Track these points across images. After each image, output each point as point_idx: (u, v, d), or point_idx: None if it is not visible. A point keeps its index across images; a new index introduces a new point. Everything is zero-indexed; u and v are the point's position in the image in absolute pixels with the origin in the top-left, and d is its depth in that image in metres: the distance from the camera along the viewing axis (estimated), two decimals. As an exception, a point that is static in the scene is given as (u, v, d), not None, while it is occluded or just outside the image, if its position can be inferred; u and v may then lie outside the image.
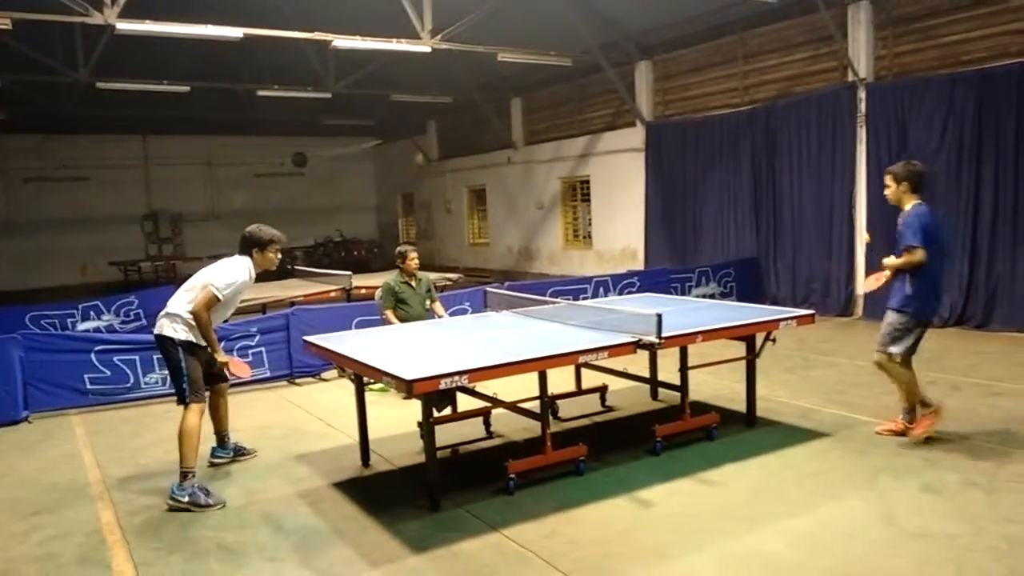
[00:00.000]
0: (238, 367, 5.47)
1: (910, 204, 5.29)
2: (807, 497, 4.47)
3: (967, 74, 9.43)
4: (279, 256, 5.30)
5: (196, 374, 5.01)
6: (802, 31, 11.53)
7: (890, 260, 5.29)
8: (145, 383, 7.43)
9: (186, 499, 4.74)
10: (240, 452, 5.72)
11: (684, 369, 5.66)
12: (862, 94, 10.58)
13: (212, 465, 5.56)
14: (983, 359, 7.85)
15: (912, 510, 4.22)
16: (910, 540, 3.87)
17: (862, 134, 10.62)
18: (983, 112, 9.27)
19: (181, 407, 5.00)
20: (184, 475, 4.82)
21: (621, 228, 15.42)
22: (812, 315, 5.81)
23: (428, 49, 12.26)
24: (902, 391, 5.39)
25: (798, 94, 11.58)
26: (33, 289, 19.91)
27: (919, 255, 5.10)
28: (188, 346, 5.00)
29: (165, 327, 5.03)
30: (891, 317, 5.27)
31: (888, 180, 5.35)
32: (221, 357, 5.19)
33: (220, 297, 4.98)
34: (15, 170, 20.87)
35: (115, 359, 7.33)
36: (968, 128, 9.43)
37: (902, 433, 5.38)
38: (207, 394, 5.16)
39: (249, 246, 5.19)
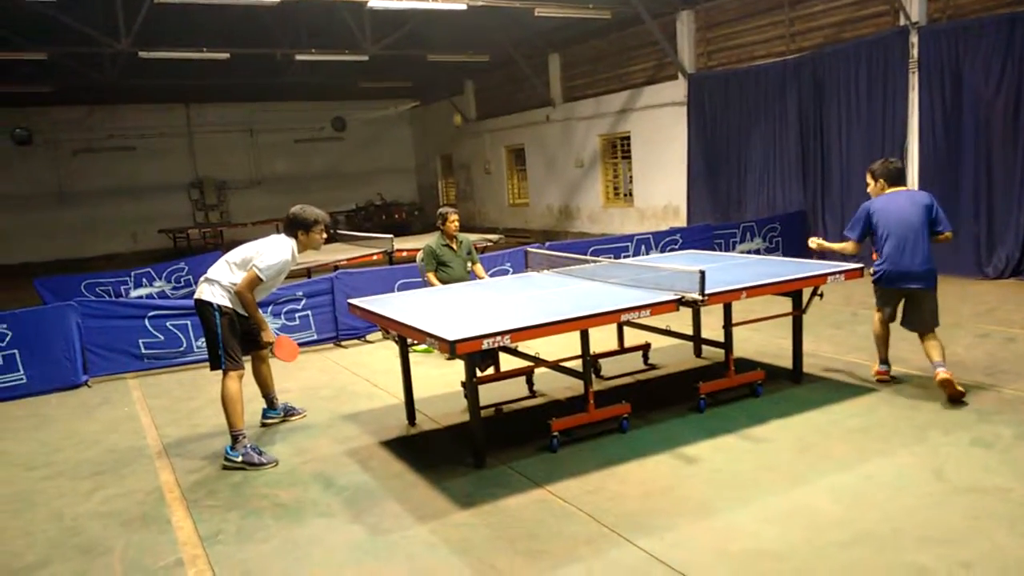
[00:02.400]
0: (283, 349, 5.30)
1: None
2: (854, 452, 4.43)
3: (1028, 13, 8.98)
4: (324, 236, 5.36)
5: (232, 342, 5.06)
6: (851, -26, 11.08)
7: (822, 242, 5.98)
8: (197, 347, 7.63)
9: (239, 459, 4.91)
10: (290, 412, 5.89)
11: (728, 326, 5.59)
12: (914, 39, 10.14)
13: (264, 426, 5.74)
14: (1041, 311, 7.61)
15: (963, 464, 4.15)
16: (961, 495, 3.81)
17: (914, 81, 10.21)
18: (1045, 53, 8.85)
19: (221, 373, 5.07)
20: (235, 438, 4.98)
21: (663, 185, 15.19)
22: (860, 269, 5.68)
23: (464, 7, 12.10)
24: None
25: (847, 41, 11.16)
26: (87, 257, 20.56)
27: (849, 247, 5.60)
28: (227, 312, 5.05)
29: (204, 292, 5.10)
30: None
31: (868, 179, 5.69)
32: (268, 336, 5.22)
33: (263, 278, 5.03)
34: (65, 142, 21.37)
35: (168, 324, 7.55)
36: (1029, 70, 9.00)
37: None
38: (247, 359, 5.26)
39: (295, 228, 5.23)
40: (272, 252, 5.09)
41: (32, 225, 20.79)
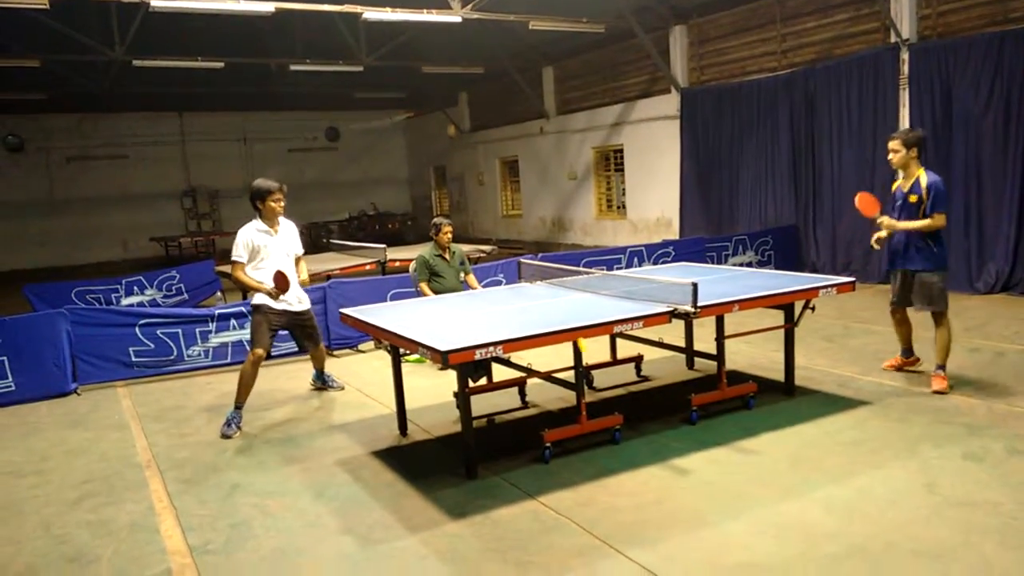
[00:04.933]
0: (281, 281, 5.80)
1: (922, 170, 5.65)
2: (846, 466, 4.43)
3: (1016, 32, 9.07)
4: (281, 203, 5.95)
5: (258, 329, 5.90)
6: (842, -9, 11.19)
7: (909, 223, 5.65)
8: (188, 355, 7.60)
9: (223, 422, 5.79)
10: (328, 383, 6.85)
11: (720, 338, 5.60)
12: (905, 55, 10.24)
13: (312, 388, 6.90)
14: (1030, 326, 7.66)
15: (955, 478, 4.16)
16: (953, 508, 3.82)
17: (905, 97, 10.30)
18: (1034, 71, 8.94)
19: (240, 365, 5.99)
20: (236, 405, 5.82)
21: (655, 198, 15.25)
22: (852, 283, 5.70)
23: (459, 19, 12.16)
24: (946, 343, 5.68)
25: (838, 57, 11.26)
26: (78, 265, 20.44)
27: (943, 220, 5.55)
28: (257, 307, 5.92)
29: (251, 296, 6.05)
30: (929, 277, 5.64)
31: (897, 145, 5.63)
32: (264, 288, 5.82)
33: (238, 259, 5.85)
34: (57, 149, 21.29)
35: (159, 332, 7.51)
36: (1016, 88, 9.08)
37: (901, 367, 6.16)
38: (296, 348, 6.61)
39: (254, 200, 5.95)
40: (237, 236, 5.91)
41: (23, 232, 20.66)
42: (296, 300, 6.08)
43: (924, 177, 5.60)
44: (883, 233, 5.82)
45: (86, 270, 19.16)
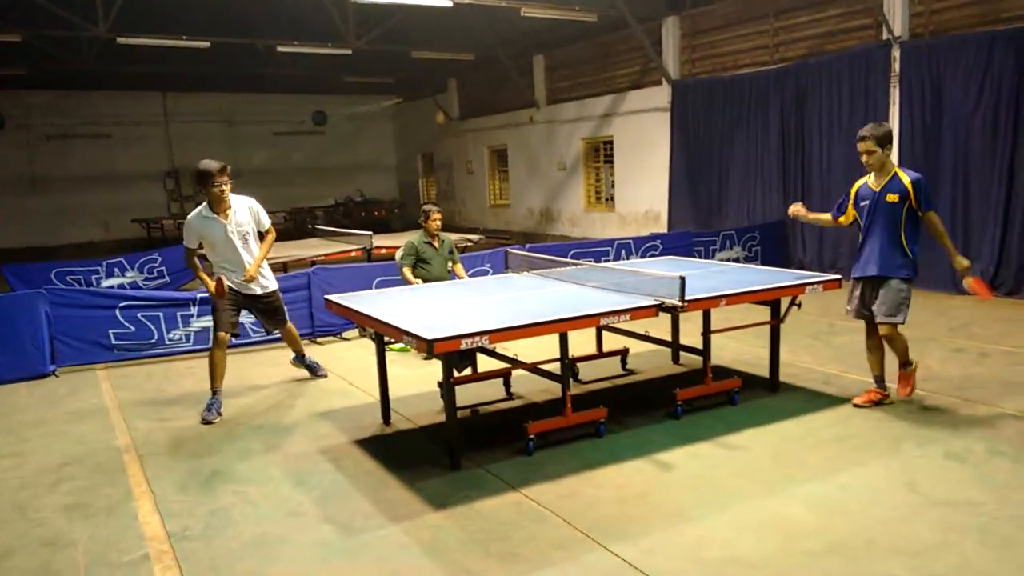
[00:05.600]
0: (219, 286, 5.68)
1: (898, 167, 5.16)
2: (828, 463, 4.44)
3: (1007, 32, 9.10)
4: (223, 189, 5.68)
5: (217, 312, 5.73)
6: (835, -13, 11.19)
7: (948, 244, 5.20)
8: (169, 339, 7.51)
9: (204, 408, 5.71)
10: (311, 368, 6.65)
11: (707, 333, 5.60)
12: (896, 53, 10.26)
13: (294, 366, 6.72)
14: (1013, 326, 7.71)
15: (936, 478, 4.18)
16: (933, 507, 3.83)
17: (895, 95, 10.33)
18: (1023, 72, 8.96)
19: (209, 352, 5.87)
20: (212, 391, 5.76)
21: (644, 190, 15.24)
22: (838, 280, 5.70)
23: (449, 3, 12.04)
24: (901, 354, 5.31)
25: (830, 52, 11.26)
26: (58, 245, 20.18)
27: (936, 218, 5.17)
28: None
29: None
30: (899, 285, 5.10)
31: (871, 145, 5.03)
32: (208, 282, 5.70)
33: (188, 247, 5.84)
34: (38, 126, 20.97)
35: (139, 315, 7.41)
36: (1006, 88, 9.11)
37: (880, 401, 5.37)
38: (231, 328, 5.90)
39: (196, 185, 5.85)
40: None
41: (1, 211, 20.35)
42: (257, 284, 5.88)
43: (904, 174, 5.06)
44: (966, 263, 5.19)
45: (66, 250, 18.90)
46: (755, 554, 3.45)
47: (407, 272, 7.29)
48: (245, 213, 5.86)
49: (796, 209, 5.71)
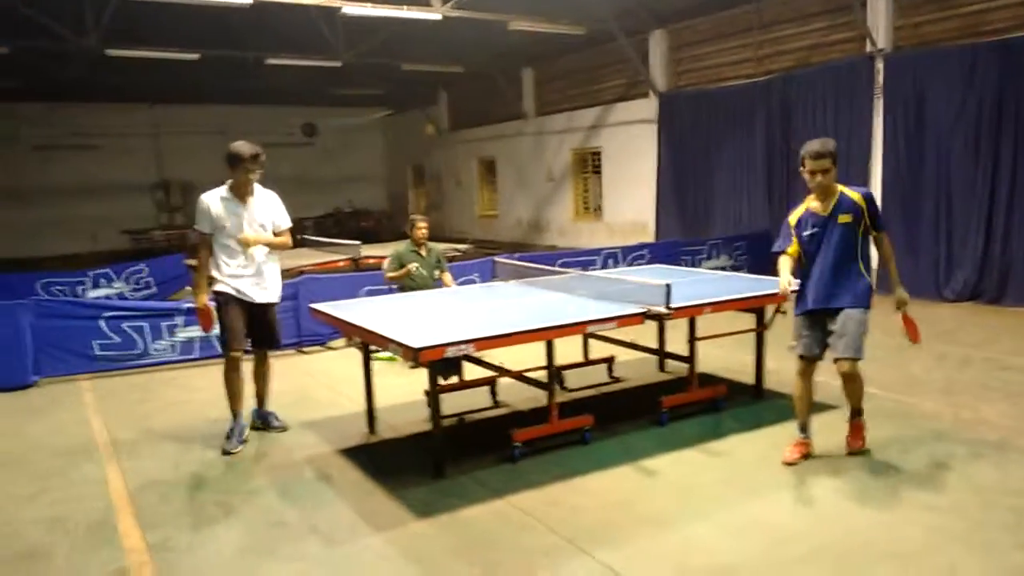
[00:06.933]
0: (204, 317, 5.28)
1: (841, 185, 4.45)
2: (813, 468, 4.45)
3: (989, 44, 9.22)
4: (252, 175, 5.09)
5: (229, 323, 5.13)
6: (820, 0, 11.30)
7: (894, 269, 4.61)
8: (154, 350, 7.46)
9: (225, 436, 5.18)
10: (268, 421, 5.54)
11: (692, 340, 5.61)
12: (880, 65, 10.38)
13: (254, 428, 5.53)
14: (995, 333, 7.77)
15: (920, 482, 4.19)
16: (917, 511, 3.84)
17: (879, 107, 10.44)
18: (1005, 84, 9.06)
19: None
20: (232, 415, 5.25)
21: (632, 201, 15.30)
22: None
23: (439, 17, 12.10)
24: (857, 399, 4.63)
25: (814, 65, 11.38)
26: (44, 257, 20.00)
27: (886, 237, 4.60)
28: (223, 297, 5.15)
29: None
30: (862, 316, 4.42)
31: (827, 164, 4.34)
32: (202, 299, 5.25)
33: (203, 232, 5.14)
34: (25, 138, 20.87)
35: (124, 326, 7.36)
36: (988, 101, 9.23)
37: (809, 454, 4.65)
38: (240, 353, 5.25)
39: (228, 165, 5.09)
40: (197, 204, 5.19)
41: (-12, 222, 20.24)
42: (254, 291, 5.20)
43: (851, 191, 4.43)
44: (906, 297, 4.61)
45: (53, 262, 18.75)
46: (739, 559, 3.44)
47: (394, 275, 7.32)
48: (265, 207, 5.27)
49: (784, 289, 4.61)
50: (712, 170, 13.20)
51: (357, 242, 10.65)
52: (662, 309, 4.75)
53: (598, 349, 6.50)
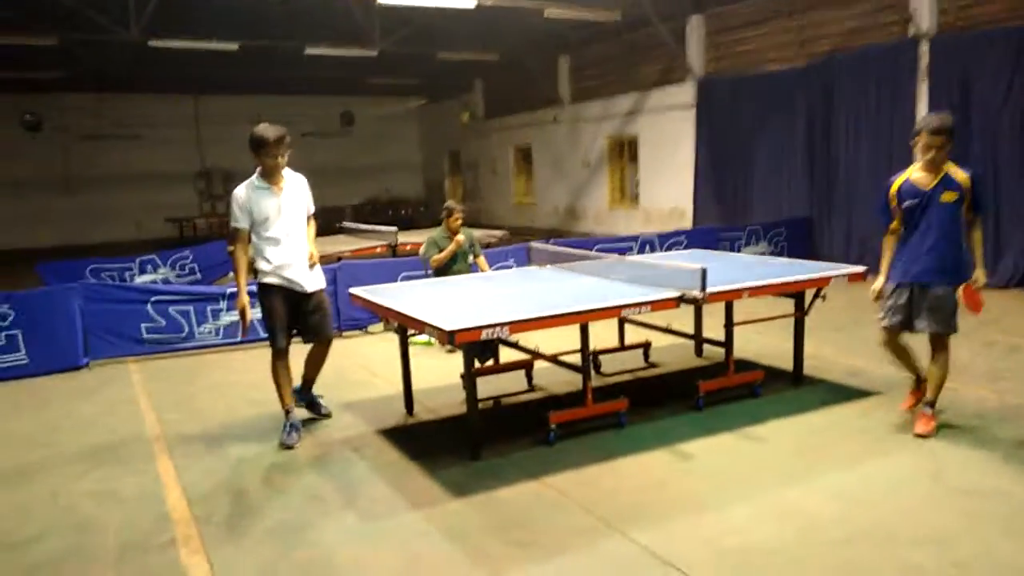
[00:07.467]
0: (241, 318, 5.09)
1: (952, 163, 4.57)
2: (851, 454, 4.41)
3: (1039, 24, 8.96)
4: (278, 159, 4.92)
5: (274, 318, 5.00)
6: (863, -19, 11.07)
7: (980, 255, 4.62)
8: (200, 333, 7.64)
9: (282, 429, 5.05)
10: (315, 406, 5.54)
11: (729, 325, 5.58)
12: (924, 48, 10.13)
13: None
14: (1044, 322, 7.58)
15: (962, 468, 4.14)
16: (958, 497, 3.79)
17: (923, 90, 10.19)
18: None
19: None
20: (284, 411, 5.10)
21: (669, 187, 15.18)
22: (863, 272, 5.66)
23: (473, 5, 12.10)
24: (939, 381, 4.70)
25: (856, 48, 11.14)
26: (92, 244, 20.57)
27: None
28: (266, 289, 5.02)
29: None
30: (954, 294, 4.55)
31: (943, 140, 4.41)
32: (242, 298, 5.01)
33: (240, 227, 4.97)
34: (73, 128, 21.43)
35: (170, 309, 7.55)
36: (1037, 82, 8.97)
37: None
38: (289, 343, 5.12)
39: (253, 152, 4.93)
40: (231, 199, 5.09)
41: (36, 211, 20.87)
42: (304, 277, 5.08)
43: (960, 171, 4.52)
44: (983, 280, 4.62)
45: (100, 249, 19.27)
46: (774, 543, 3.44)
47: (440, 256, 7.37)
48: (299, 192, 5.14)
49: (875, 292, 4.85)
50: (752, 156, 13.03)
51: (393, 228, 10.75)
52: (697, 293, 4.73)
53: (634, 334, 6.50)
